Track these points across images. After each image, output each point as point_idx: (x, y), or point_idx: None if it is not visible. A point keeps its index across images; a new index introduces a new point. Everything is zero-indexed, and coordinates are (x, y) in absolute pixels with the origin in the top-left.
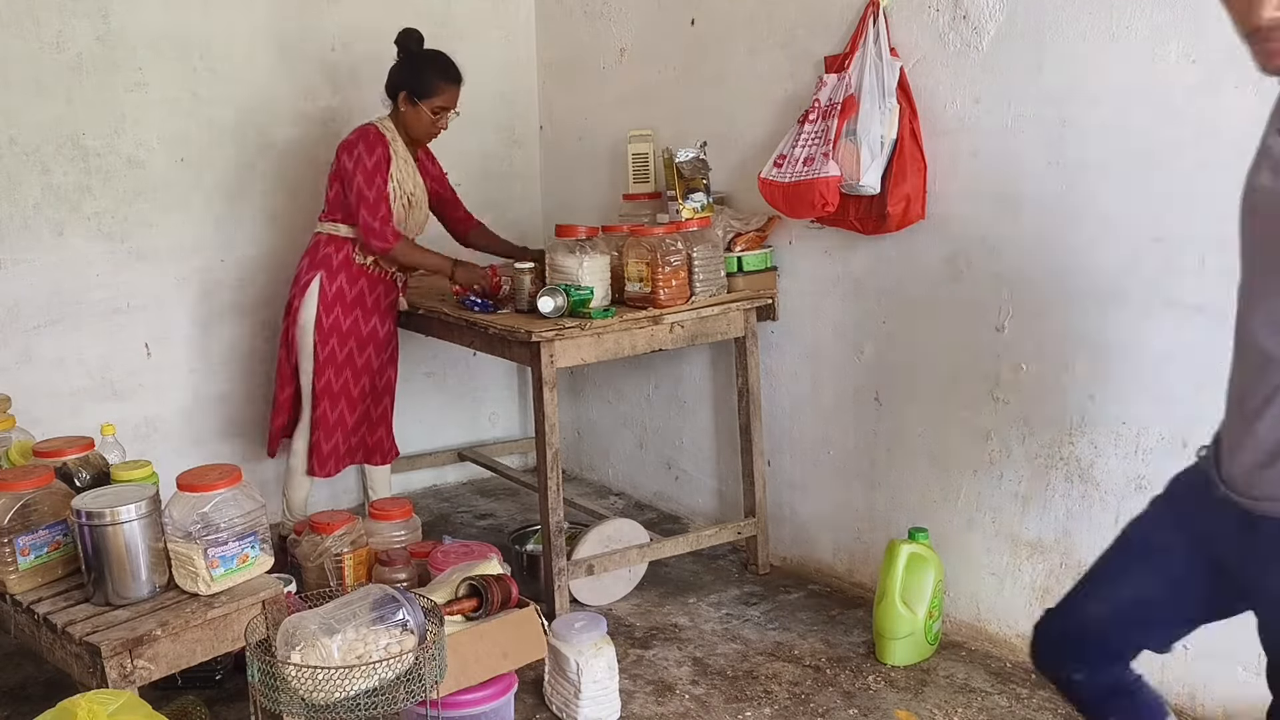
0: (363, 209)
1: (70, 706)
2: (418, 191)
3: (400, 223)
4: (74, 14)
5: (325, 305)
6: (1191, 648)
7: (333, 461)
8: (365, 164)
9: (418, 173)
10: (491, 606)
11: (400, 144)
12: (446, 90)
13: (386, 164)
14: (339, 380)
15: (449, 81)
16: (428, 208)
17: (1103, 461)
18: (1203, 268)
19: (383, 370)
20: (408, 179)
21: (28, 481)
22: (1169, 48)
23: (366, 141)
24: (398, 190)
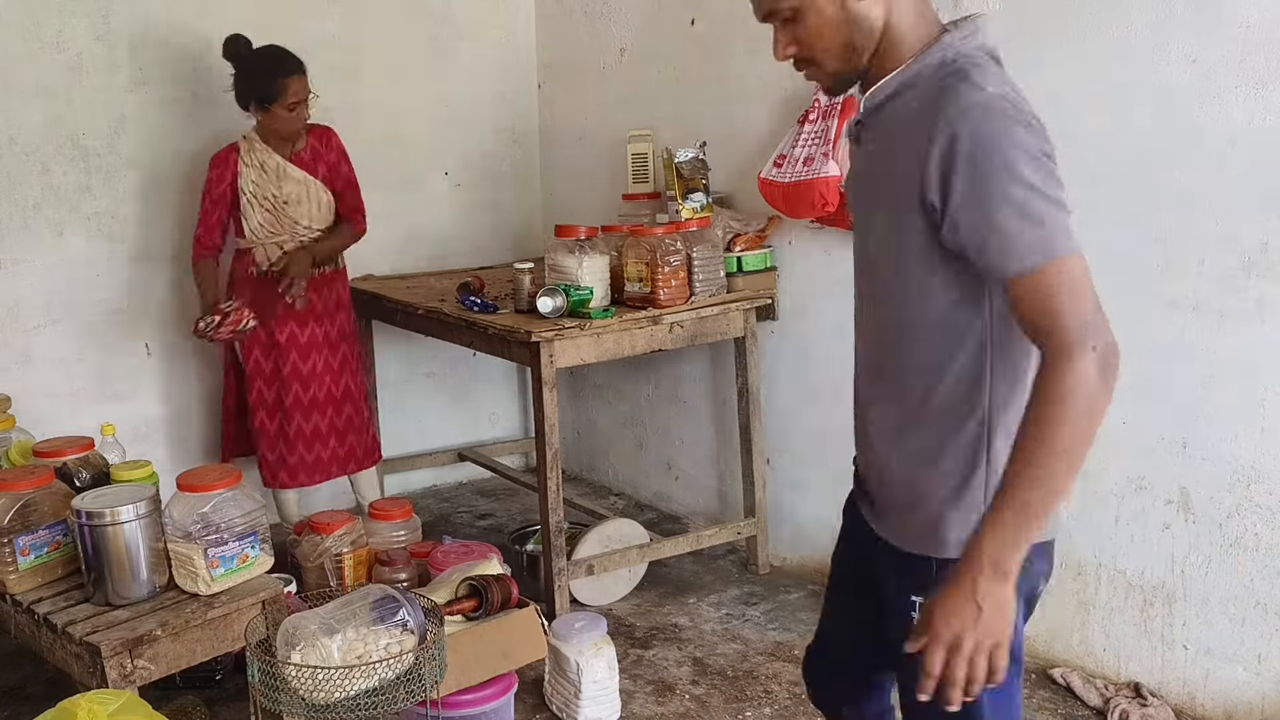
0: None
1: (70, 706)
2: (289, 189)
3: (270, 227)
4: (74, 14)
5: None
6: (1191, 647)
7: (284, 474)
8: (204, 185)
9: (290, 169)
10: (491, 606)
11: (260, 149)
12: (287, 84)
13: (220, 181)
14: (270, 390)
15: (285, 75)
16: (318, 200)
17: (1103, 461)
18: (1202, 268)
19: (329, 377)
20: (266, 183)
21: (28, 481)
22: (1169, 48)
23: (211, 162)
24: (253, 199)
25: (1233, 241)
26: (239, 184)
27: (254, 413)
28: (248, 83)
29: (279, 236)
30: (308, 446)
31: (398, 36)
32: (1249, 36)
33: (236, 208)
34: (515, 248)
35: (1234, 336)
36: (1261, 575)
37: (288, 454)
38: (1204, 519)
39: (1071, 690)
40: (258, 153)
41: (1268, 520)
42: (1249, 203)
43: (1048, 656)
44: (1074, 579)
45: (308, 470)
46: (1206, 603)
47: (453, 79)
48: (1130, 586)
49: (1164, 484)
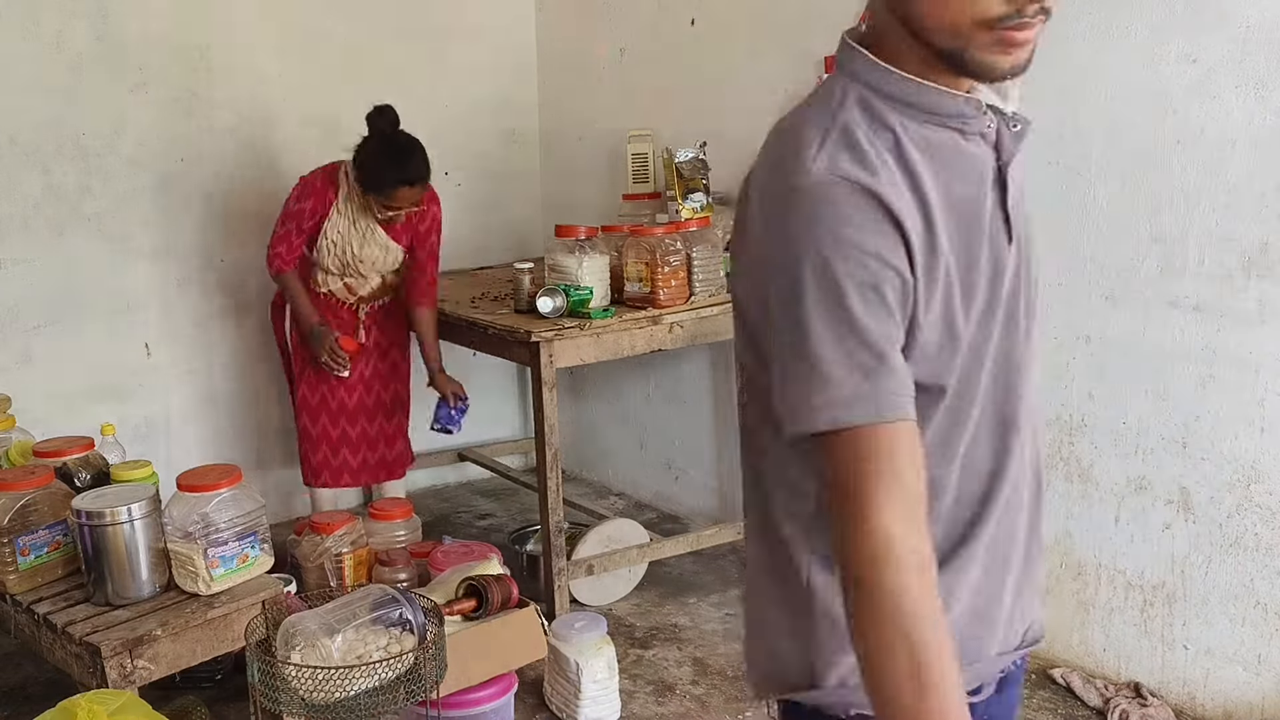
0: (271, 239)
1: (70, 706)
2: (368, 251)
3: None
4: (74, 14)
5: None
6: (1191, 647)
7: (326, 474)
8: (290, 205)
9: (378, 233)
10: (491, 606)
11: (355, 202)
12: (401, 193)
13: (312, 215)
14: (315, 394)
15: (404, 185)
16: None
17: (1103, 461)
18: (1202, 268)
19: (378, 384)
20: (349, 238)
21: (28, 481)
22: (1168, 48)
23: (303, 187)
24: (331, 246)
25: (1233, 241)
26: (325, 225)
27: (298, 413)
28: (365, 159)
29: (344, 276)
30: (353, 450)
31: (398, 36)
32: (1249, 36)
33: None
34: (515, 248)
35: (1234, 336)
36: (1261, 575)
37: (331, 456)
38: (1204, 519)
39: (1071, 690)
40: (354, 204)
41: (1268, 520)
42: (1249, 203)
43: (1048, 657)
44: (1074, 579)
45: (352, 473)
46: (1206, 603)
47: (453, 79)
48: (1130, 586)
49: (1164, 484)
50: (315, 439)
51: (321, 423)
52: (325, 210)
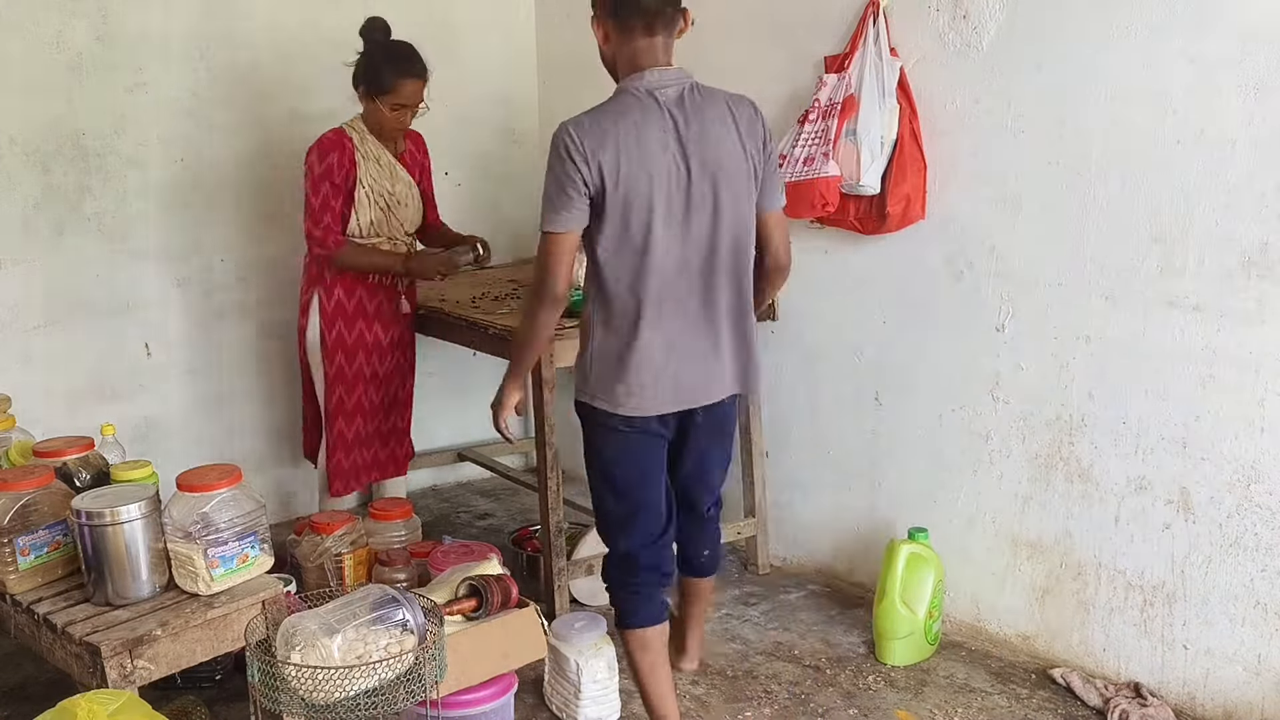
0: (307, 218)
1: (70, 706)
2: (399, 188)
3: (379, 226)
4: (74, 14)
5: (327, 321)
6: (1191, 647)
7: (354, 479)
8: (313, 171)
9: (400, 169)
10: (491, 606)
11: (371, 142)
12: (404, 86)
13: (340, 168)
14: (351, 397)
15: (407, 77)
16: (418, 205)
17: (1103, 461)
18: (1202, 268)
19: (398, 379)
20: (383, 178)
21: (28, 481)
22: (1169, 48)
23: (320, 148)
24: (370, 193)
25: (1233, 241)
26: (358, 174)
27: (332, 420)
28: (368, 65)
29: (377, 239)
30: (383, 443)
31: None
32: (1249, 36)
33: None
34: (515, 248)
35: (1234, 336)
36: (1261, 575)
37: (362, 455)
38: (1204, 519)
39: (1071, 690)
40: (371, 145)
41: (1268, 520)
42: (1249, 203)
43: (1048, 656)
44: (1074, 579)
45: (365, 469)
46: (1206, 603)
47: (453, 79)
48: (1130, 586)
49: (1164, 484)
50: (351, 442)
51: (356, 424)
52: (350, 159)
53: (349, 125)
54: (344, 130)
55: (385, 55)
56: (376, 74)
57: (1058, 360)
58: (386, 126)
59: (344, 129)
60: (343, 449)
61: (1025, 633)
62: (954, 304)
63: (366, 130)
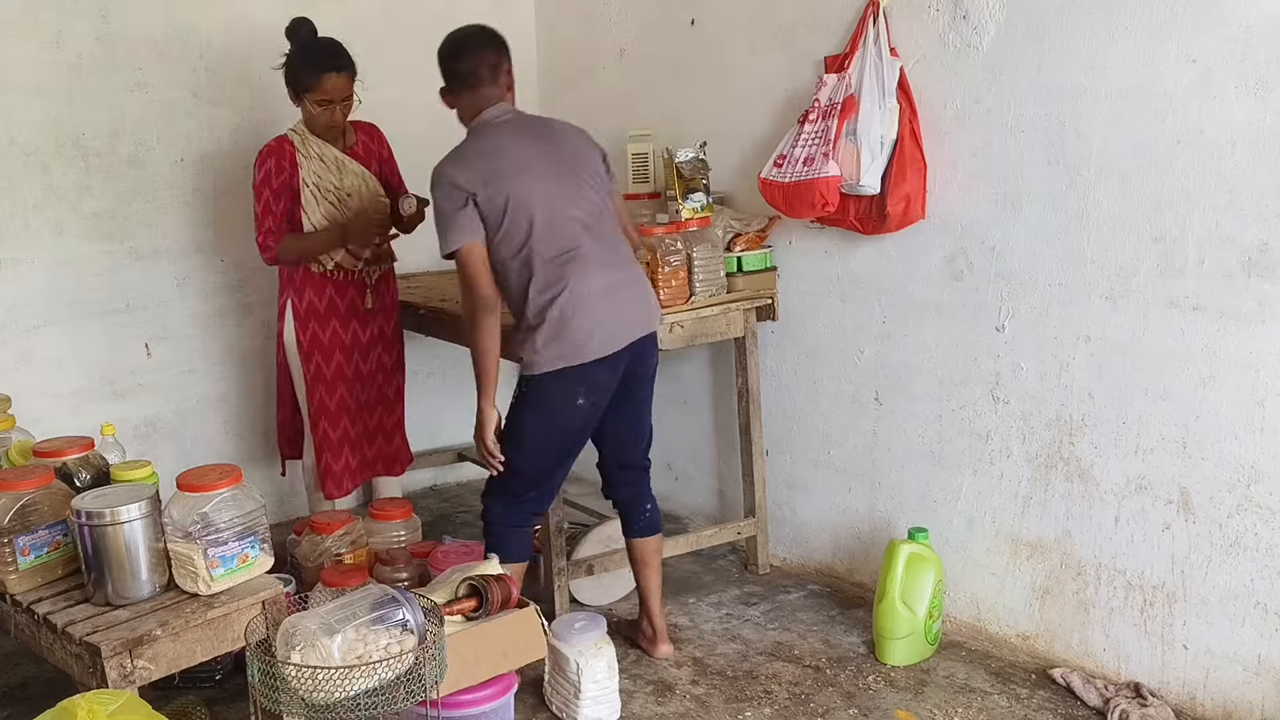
0: (255, 224)
1: (70, 706)
2: (348, 180)
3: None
4: (74, 14)
5: (300, 323)
6: (1191, 647)
7: (346, 479)
8: (254, 179)
9: (349, 162)
10: (491, 606)
11: (314, 142)
12: (325, 81)
13: (279, 172)
14: (333, 397)
15: (328, 71)
16: (376, 195)
17: (1103, 461)
18: (1202, 268)
19: (382, 376)
20: (327, 176)
21: (28, 481)
22: (1168, 48)
23: (260, 156)
24: (316, 190)
25: (1233, 241)
26: (300, 176)
27: (315, 421)
28: (289, 67)
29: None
30: (370, 442)
31: (398, 36)
32: (1249, 36)
33: (296, 201)
34: None
35: (1234, 336)
36: (1261, 575)
37: (351, 458)
38: (1204, 519)
39: (1071, 690)
40: (313, 144)
41: (1268, 520)
42: (1249, 203)
43: (1048, 656)
44: (1074, 579)
45: (353, 473)
46: (1206, 603)
47: None
48: (1130, 586)
49: (1164, 484)
50: (336, 444)
51: (342, 424)
52: (290, 162)
53: (292, 130)
54: (285, 136)
55: (305, 53)
56: (298, 72)
57: (1058, 360)
58: (319, 124)
59: (286, 134)
60: (330, 451)
61: (1025, 633)
62: (954, 304)
63: (308, 131)
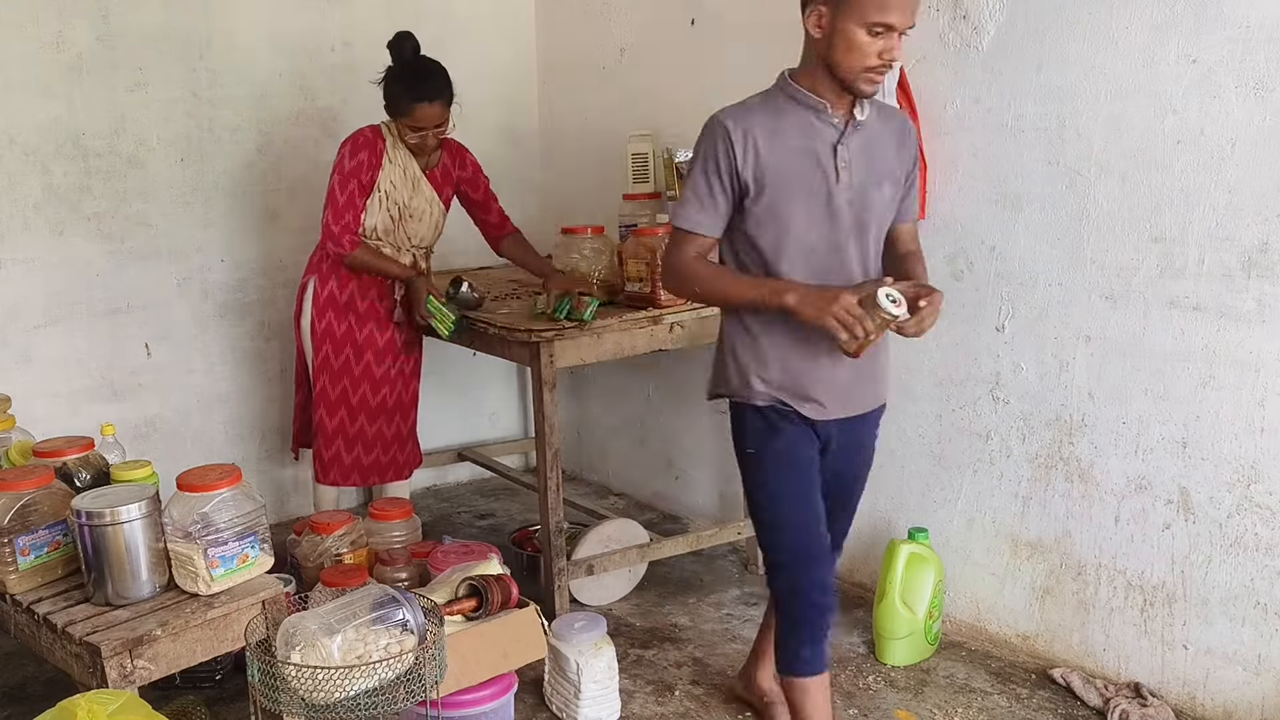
0: (328, 210)
1: (70, 706)
2: (417, 202)
3: (383, 232)
4: (74, 14)
5: (318, 309)
6: (1191, 647)
7: (336, 470)
8: (344, 165)
9: (424, 184)
10: (491, 606)
11: (402, 151)
12: (419, 110)
13: (369, 168)
14: (336, 388)
15: (418, 99)
16: (435, 222)
17: (1103, 461)
18: (1202, 268)
19: (391, 381)
20: (401, 189)
21: (28, 481)
22: (1168, 48)
23: (354, 142)
24: (385, 199)
25: (1233, 241)
26: (378, 176)
27: (315, 407)
28: (387, 85)
29: (381, 243)
30: (367, 449)
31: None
32: (1249, 36)
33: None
34: None
35: (1234, 336)
36: (1261, 575)
37: (345, 452)
38: (1204, 519)
39: (1071, 690)
40: (401, 153)
41: (1268, 520)
42: (1249, 203)
43: (1048, 656)
44: (1074, 579)
45: (362, 471)
46: (1206, 603)
47: (453, 79)
48: (1130, 586)
49: (1164, 484)
50: (331, 433)
51: (340, 416)
52: (378, 160)
53: (386, 125)
54: (380, 130)
55: (402, 78)
56: (394, 97)
57: (1058, 360)
58: (411, 145)
59: (381, 127)
60: (323, 437)
61: (1025, 633)
62: (954, 304)
63: (399, 137)
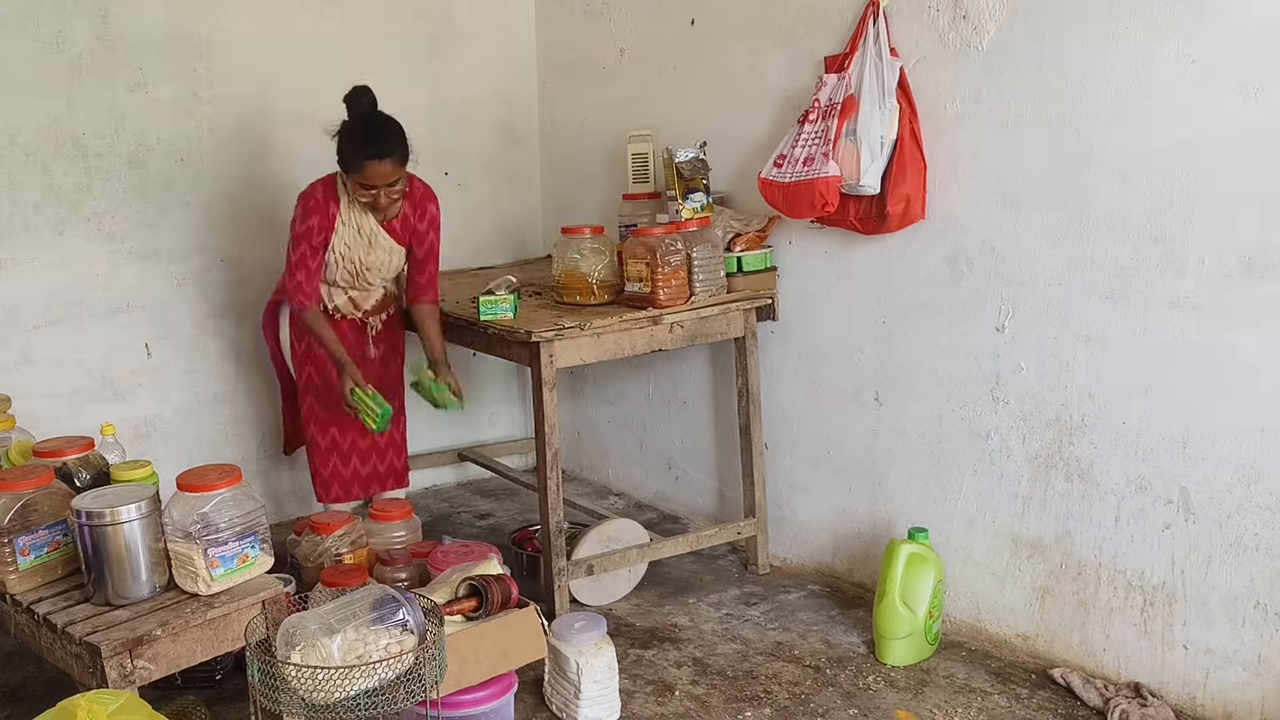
0: (286, 265)
1: (70, 706)
2: (375, 257)
3: (346, 282)
4: (74, 14)
5: (295, 333)
6: (1191, 647)
7: (336, 487)
8: (296, 225)
9: (381, 236)
10: (491, 606)
11: (356, 210)
12: (370, 168)
13: (320, 230)
14: (322, 406)
15: (370, 159)
16: (396, 264)
17: (1103, 461)
18: (1202, 268)
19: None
20: (356, 248)
21: (28, 481)
22: (1168, 48)
23: (305, 204)
24: (340, 259)
25: (1233, 241)
26: (332, 239)
27: (305, 426)
28: (340, 140)
29: (349, 289)
30: (362, 459)
31: (398, 36)
32: (1249, 36)
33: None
34: (515, 248)
35: (1234, 336)
36: (1261, 575)
37: (341, 467)
38: (1204, 519)
39: (1071, 690)
40: (355, 212)
41: (1268, 520)
42: (1249, 203)
43: (1048, 656)
44: (1074, 579)
45: (361, 483)
46: (1206, 603)
47: (453, 79)
48: (1130, 586)
49: (1164, 484)
50: (325, 450)
51: (331, 433)
52: (330, 224)
53: (340, 184)
54: (334, 187)
55: (355, 133)
56: (346, 153)
57: (1058, 360)
58: (364, 204)
59: (336, 183)
60: (318, 456)
61: (1025, 633)
62: (954, 304)
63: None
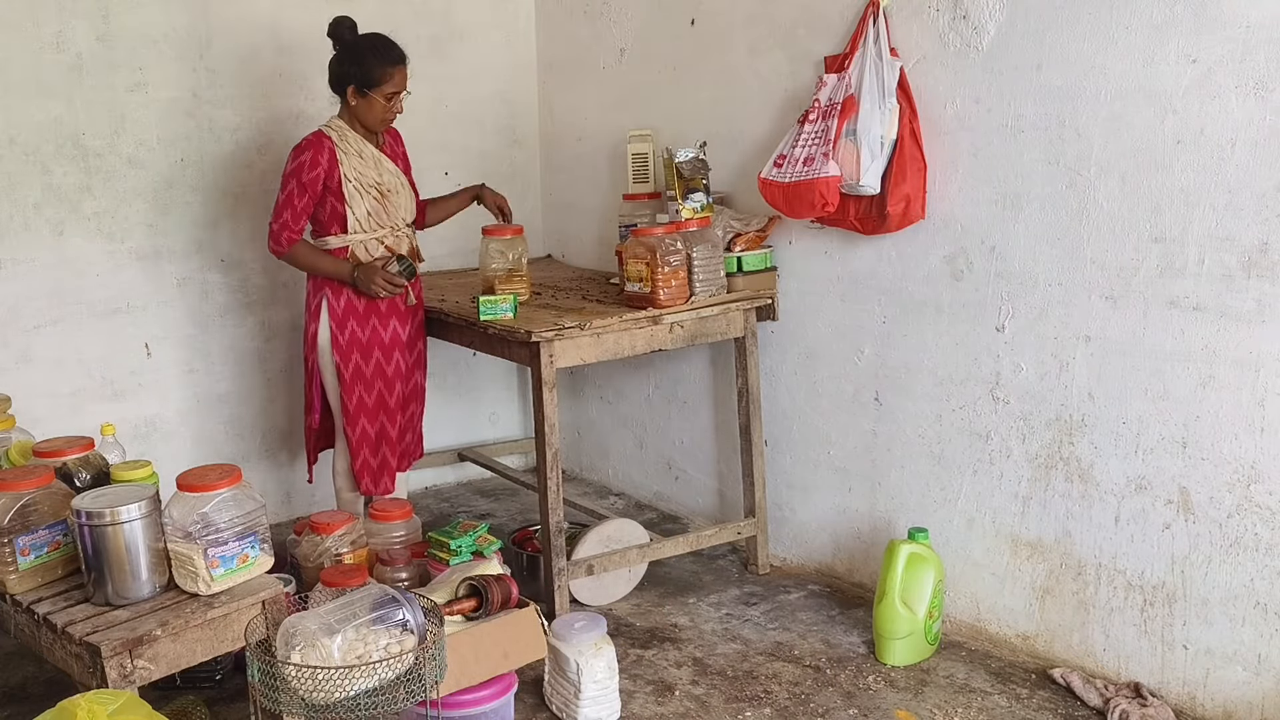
0: (274, 210)
1: (70, 706)
2: (386, 178)
3: (377, 218)
4: (74, 14)
5: (337, 322)
6: (1191, 647)
7: (385, 475)
8: (286, 168)
9: (384, 159)
10: (491, 606)
11: (352, 138)
12: (392, 73)
13: (313, 168)
14: (371, 394)
15: (392, 64)
16: (409, 194)
17: (1103, 461)
18: (1202, 268)
19: (404, 376)
20: (368, 169)
21: (28, 481)
22: (1168, 48)
23: (297, 148)
24: (358, 185)
25: (1233, 241)
26: (341, 171)
27: (354, 420)
28: (350, 64)
29: (380, 231)
30: (400, 438)
31: (398, 36)
32: (1249, 36)
33: (323, 199)
34: None
35: (1234, 336)
36: (1261, 575)
37: (390, 454)
38: (1204, 519)
39: (1071, 690)
40: (352, 140)
41: (1268, 520)
42: (1249, 203)
43: (1048, 656)
44: (1074, 579)
45: (400, 460)
46: (1206, 603)
47: (453, 79)
48: (1130, 586)
49: (1164, 484)
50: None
51: (380, 421)
52: (330, 160)
53: (325, 126)
54: (321, 132)
55: (367, 49)
56: (366, 68)
57: (1058, 360)
58: (377, 118)
59: (321, 130)
60: (368, 447)
61: (1025, 633)
62: (954, 304)
63: (346, 126)
